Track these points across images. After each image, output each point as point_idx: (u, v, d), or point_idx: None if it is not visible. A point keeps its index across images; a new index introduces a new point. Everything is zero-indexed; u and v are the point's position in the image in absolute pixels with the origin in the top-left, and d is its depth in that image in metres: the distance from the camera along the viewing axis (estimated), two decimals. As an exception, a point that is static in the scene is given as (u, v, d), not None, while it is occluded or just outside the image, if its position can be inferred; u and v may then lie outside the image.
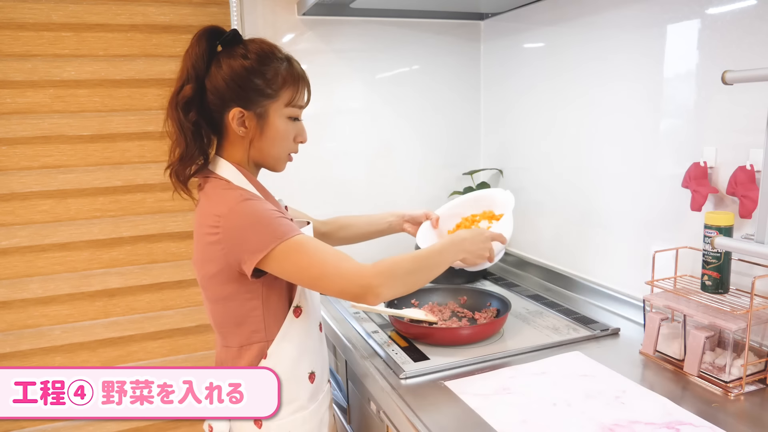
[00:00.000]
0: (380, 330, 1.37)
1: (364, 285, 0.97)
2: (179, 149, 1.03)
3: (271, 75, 1.03)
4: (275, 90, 1.03)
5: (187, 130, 1.01)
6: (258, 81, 1.02)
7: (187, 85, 1.01)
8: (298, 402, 1.07)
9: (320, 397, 1.13)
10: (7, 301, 1.72)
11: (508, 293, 1.61)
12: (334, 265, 0.97)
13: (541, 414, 0.97)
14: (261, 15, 1.78)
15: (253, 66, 1.02)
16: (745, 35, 1.11)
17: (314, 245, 0.99)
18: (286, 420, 1.06)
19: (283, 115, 1.06)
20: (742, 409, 0.98)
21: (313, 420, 1.10)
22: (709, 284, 1.11)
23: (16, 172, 1.68)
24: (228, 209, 0.98)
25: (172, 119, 1.02)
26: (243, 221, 0.97)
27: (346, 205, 1.95)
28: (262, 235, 0.96)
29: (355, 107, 1.93)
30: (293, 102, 1.06)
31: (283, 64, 1.05)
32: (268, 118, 1.04)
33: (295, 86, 1.06)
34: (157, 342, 1.88)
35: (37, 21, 1.64)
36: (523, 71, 1.82)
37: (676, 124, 1.29)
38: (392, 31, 1.92)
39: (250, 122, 1.04)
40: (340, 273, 0.97)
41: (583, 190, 1.60)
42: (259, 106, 1.03)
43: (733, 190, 1.13)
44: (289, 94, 1.05)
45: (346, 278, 0.97)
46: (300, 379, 1.08)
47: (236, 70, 1.01)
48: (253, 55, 1.02)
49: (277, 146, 1.07)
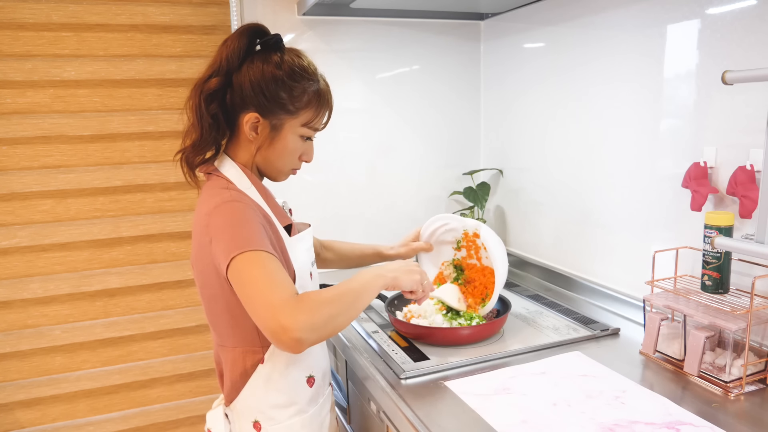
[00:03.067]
0: (380, 330, 1.37)
1: (281, 324, 0.84)
2: (194, 136, 1.02)
3: (298, 92, 1.02)
4: (297, 108, 1.03)
5: (205, 120, 1.01)
6: (283, 94, 1.01)
7: (215, 78, 1.00)
8: (297, 406, 1.07)
9: (320, 400, 1.12)
10: (7, 301, 1.72)
11: (508, 293, 1.61)
12: (265, 292, 0.87)
13: (541, 414, 0.97)
14: (261, 15, 1.78)
15: (282, 78, 1.01)
16: (745, 35, 1.11)
17: (266, 265, 0.90)
18: (285, 424, 1.06)
19: (297, 133, 1.05)
20: (742, 409, 0.98)
21: (313, 423, 1.10)
22: (709, 284, 1.11)
23: (16, 172, 1.68)
24: (214, 206, 0.97)
25: (192, 105, 1.01)
26: (221, 221, 0.95)
27: (345, 205, 1.95)
28: (232, 240, 0.92)
29: (355, 107, 1.93)
30: (311, 123, 1.05)
31: (314, 85, 1.04)
32: (282, 131, 1.04)
33: (317, 109, 1.05)
34: (157, 342, 1.88)
35: (37, 21, 1.64)
36: (523, 71, 1.82)
37: (676, 124, 1.29)
38: (392, 31, 1.92)
39: (263, 130, 1.03)
40: (266, 302, 0.86)
41: (583, 190, 1.60)
42: (276, 118, 1.03)
43: (733, 190, 1.13)
44: (310, 115, 1.04)
45: (268, 309, 0.86)
46: (298, 384, 1.07)
47: (266, 76, 1.00)
48: (287, 67, 1.01)
49: (282, 160, 1.07)
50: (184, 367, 1.91)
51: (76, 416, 1.83)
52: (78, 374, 1.81)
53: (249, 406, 1.06)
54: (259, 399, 1.05)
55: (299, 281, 1.05)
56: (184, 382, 1.92)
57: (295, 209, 1.43)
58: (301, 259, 1.07)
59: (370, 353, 1.25)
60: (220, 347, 1.08)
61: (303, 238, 1.11)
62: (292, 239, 1.06)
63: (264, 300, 0.87)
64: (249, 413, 1.06)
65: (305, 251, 1.11)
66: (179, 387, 1.92)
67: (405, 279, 1.06)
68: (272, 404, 1.05)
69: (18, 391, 1.76)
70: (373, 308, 1.52)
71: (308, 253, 1.12)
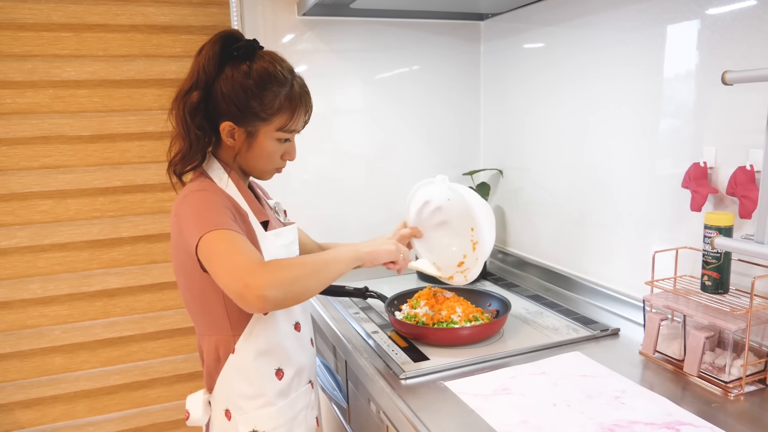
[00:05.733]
0: (380, 330, 1.37)
1: (245, 283, 0.87)
2: (182, 148, 1.04)
3: (268, 99, 1.03)
4: (269, 114, 1.03)
5: (192, 132, 1.03)
6: (254, 103, 1.02)
7: (195, 92, 1.02)
8: (264, 398, 1.09)
9: (292, 395, 1.13)
10: (7, 301, 1.72)
11: (508, 293, 1.61)
12: (230, 257, 0.90)
13: (541, 414, 0.97)
14: (261, 15, 1.78)
15: (251, 87, 1.01)
16: (745, 35, 1.11)
17: (233, 239, 0.93)
18: (252, 414, 1.08)
19: (273, 137, 1.06)
20: (741, 409, 0.98)
21: (282, 417, 1.11)
22: (709, 284, 1.11)
23: (15, 172, 1.68)
24: (182, 197, 1.01)
25: (177, 117, 1.03)
26: (188, 209, 0.99)
27: (345, 204, 1.95)
28: (197, 223, 0.96)
29: (355, 107, 1.93)
30: (286, 127, 1.06)
31: (285, 88, 1.04)
32: (257, 137, 1.05)
33: (290, 112, 1.05)
34: (157, 342, 1.88)
35: (37, 21, 1.64)
36: (523, 71, 1.82)
37: (675, 125, 1.29)
38: (392, 31, 1.92)
39: (239, 137, 1.05)
40: (230, 266, 0.90)
41: (583, 190, 1.60)
42: (251, 125, 1.04)
43: (732, 190, 1.13)
44: (283, 119, 1.05)
45: (232, 272, 0.89)
46: (265, 375, 1.09)
47: (235, 87, 1.02)
48: (255, 75, 1.02)
49: (262, 162, 1.09)
50: (184, 368, 1.91)
51: (75, 416, 1.83)
52: (78, 374, 1.81)
53: (221, 395, 1.09)
54: (229, 388, 1.08)
55: None
56: (183, 383, 1.92)
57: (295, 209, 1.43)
58: (273, 253, 1.09)
59: (369, 353, 1.25)
60: (199, 336, 1.13)
61: (280, 234, 1.13)
62: (267, 234, 1.09)
63: (229, 265, 0.90)
64: (222, 401, 1.10)
65: (282, 247, 1.13)
66: (179, 387, 1.92)
67: (380, 252, 1.13)
68: (240, 394, 1.08)
69: (18, 391, 1.76)
70: (373, 308, 1.52)
71: (286, 250, 1.14)
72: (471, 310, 1.34)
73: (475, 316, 1.33)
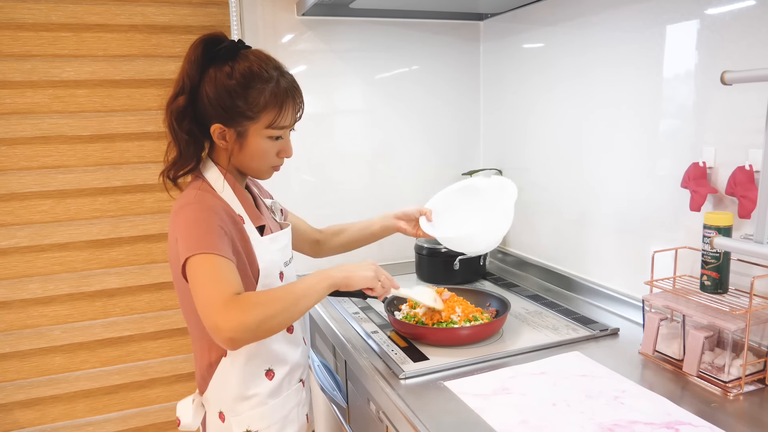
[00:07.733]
0: (380, 330, 1.37)
1: (215, 324, 0.88)
2: (174, 155, 1.05)
3: (253, 98, 1.02)
4: (256, 112, 1.03)
5: (181, 138, 1.03)
6: (239, 102, 1.02)
7: (181, 96, 1.02)
8: (257, 398, 1.10)
9: (284, 394, 1.14)
10: (7, 301, 1.72)
11: (507, 293, 1.61)
12: (206, 290, 0.91)
13: (541, 414, 0.97)
14: (260, 15, 1.78)
15: (235, 87, 1.01)
16: (745, 35, 1.11)
17: (217, 266, 0.93)
18: (246, 414, 1.09)
19: (264, 135, 1.06)
20: (741, 409, 0.98)
21: (274, 416, 1.12)
22: (708, 284, 1.12)
23: (15, 172, 1.68)
24: (180, 207, 1.02)
25: (167, 125, 1.04)
26: (183, 222, 0.99)
27: (345, 204, 1.95)
28: (186, 242, 0.96)
29: (355, 107, 1.93)
30: (274, 124, 1.05)
31: (270, 84, 1.03)
32: (248, 137, 1.05)
33: (278, 109, 1.04)
34: (157, 342, 1.88)
35: (36, 21, 1.64)
36: (523, 71, 1.82)
37: (675, 124, 1.29)
38: (392, 31, 1.92)
39: (230, 138, 1.05)
40: (206, 300, 0.90)
41: (582, 190, 1.60)
42: (239, 126, 1.04)
43: (732, 190, 1.13)
44: (271, 116, 1.04)
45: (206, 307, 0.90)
46: (256, 376, 1.10)
47: (218, 88, 1.01)
48: (238, 75, 1.01)
49: (256, 162, 1.09)
50: (184, 368, 1.91)
51: (75, 416, 1.83)
52: (77, 374, 1.81)
53: (215, 397, 1.11)
54: (222, 391, 1.09)
55: (267, 279, 1.08)
56: (183, 383, 1.92)
57: (295, 209, 1.43)
58: (268, 258, 1.09)
59: (369, 353, 1.25)
60: (192, 339, 1.13)
61: (276, 239, 1.14)
62: (264, 239, 1.09)
63: (204, 298, 0.91)
64: (215, 404, 1.11)
65: (277, 251, 1.13)
66: (178, 387, 1.92)
67: (356, 278, 1.07)
68: (233, 396, 1.09)
69: (17, 391, 1.76)
70: (373, 308, 1.52)
71: (281, 253, 1.15)
72: (470, 310, 1.35)
73: (474, 316, 1.33)
